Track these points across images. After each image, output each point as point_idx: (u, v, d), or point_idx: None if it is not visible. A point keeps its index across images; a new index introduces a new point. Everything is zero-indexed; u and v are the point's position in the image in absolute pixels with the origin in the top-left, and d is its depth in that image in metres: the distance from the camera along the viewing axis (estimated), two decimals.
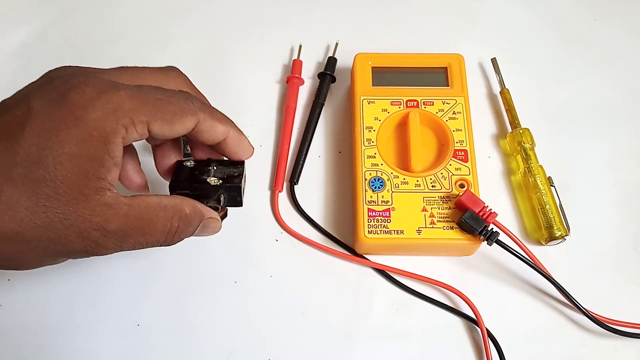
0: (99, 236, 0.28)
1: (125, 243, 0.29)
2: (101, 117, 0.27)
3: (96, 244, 0.28)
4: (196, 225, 0.32)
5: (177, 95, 0.30)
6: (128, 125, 0.28)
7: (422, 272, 0.40)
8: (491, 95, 0.49)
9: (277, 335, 0.39)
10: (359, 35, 0.51)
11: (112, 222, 0.28)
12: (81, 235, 0.27)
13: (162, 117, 0.29)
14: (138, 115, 0.28)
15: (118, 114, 0.28)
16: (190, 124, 0.30)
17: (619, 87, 0.49)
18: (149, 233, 0.29)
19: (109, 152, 0.28)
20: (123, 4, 0.54)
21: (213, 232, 0.34)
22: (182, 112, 0.30)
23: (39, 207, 0.26)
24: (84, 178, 0.27)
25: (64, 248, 0.28)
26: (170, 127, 0.30)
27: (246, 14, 0.53)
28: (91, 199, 0.27)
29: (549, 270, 0.39)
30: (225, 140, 0.33)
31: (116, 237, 0.28)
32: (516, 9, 0.53)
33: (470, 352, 0.39)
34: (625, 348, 0.39)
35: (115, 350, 0.38)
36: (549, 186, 0.42)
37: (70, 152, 0.27)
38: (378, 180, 0.41)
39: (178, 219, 0.30)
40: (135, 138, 0.29)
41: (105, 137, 0.27)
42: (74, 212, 0.27)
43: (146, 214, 0.29)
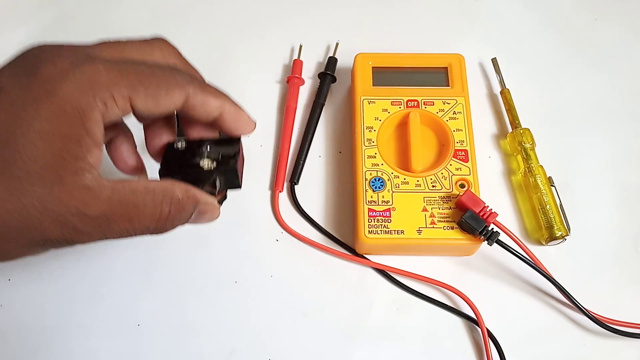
0: (77, 222, 0.25)
1: (109, 230, 0.26)
2: (75, 90, 0.25)
3: (75, 231, 0.25)
4: (190, 211, 0.29)
5: (161, 67, 0.28)
6: (107, 99, 0.26)
7: (422, 272, 0.40)
8: (491, 95, 0.49)
9: (277, 335, 0.39)
10: (359, 35, 0.51)
11: (93, 206, 0.25)
12: (58, 221, 0.25)
13: (146, 91, 0.27)
14: (118, 88, 0.26)
15: (95, 87, 0.25)
16: (178, 98, 0.28)
17: (619, 87, 0.49)
18: (136, 219, 0.27)
19: (87, 129, 0.25)
20: (123, 4, 0.54)
21: (211, 218, 0.31)
22: (167, 85, 0.27)
23: (9, 190, 0.24)
24: (58, 158, 0.24)
25: (40, 236, 0.25)
26: (155, 102, 0.27)
27: (246, 14, 0.53)
28: (68, 181, 0.25)
29: (550, 270, 0.39)
30: (222, 115, 0.30)
31: (98, 224, 0.26)
32: (516, 9, 0.53)
33: (470, 352, 0.39)
34: (626, 348, 0.39)
35: (115, 350, 0.38)
36: (550, 186, 0.42)
37: (41, 129, 0.24)
38: (378, 180, 0.41)
39: (169, 203, 0.28)
40: (116, 114, 0.27)
41: (81, 113, 0.25)
42: (49, 196, 0.24)
43: (132, 198, 0.26)
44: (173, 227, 0.29)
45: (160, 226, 0.28)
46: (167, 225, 0.28)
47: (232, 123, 0.31)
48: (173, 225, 0.29)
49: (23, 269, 0.41)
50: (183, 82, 0.28)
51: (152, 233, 0.28)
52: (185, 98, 0.28)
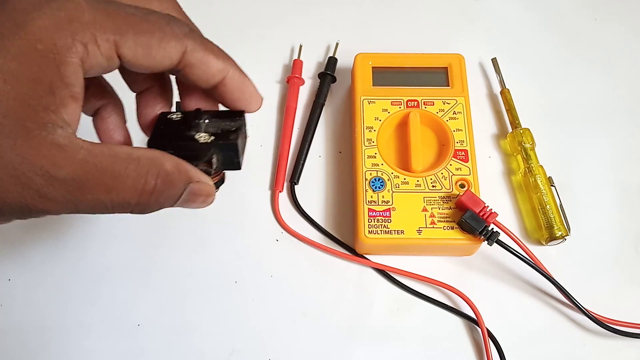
0: (43, 184, 0.21)
1: (80, 199, 0.22)
2: (50, 26, 0.21)
3: (39, 195, 0.21)
4: (181, 189, 0.25)
5: (157, 14, 0.24)
6: (88, 42, 0.22)
7: (422, 272, 0.40)
8: (491, 95, 0.49)
9: (278, 335, 0.39)
10: (359, 35, 0.51)
11: (63, 167, 0.21)
12: (19, 181, 0.21)
13: (135, 37, 0.23)
14: (102, 30, 0.22)
15: (74, 25, 0.21)
16: (174, 51, 0.24)
17: (620, 87, 0.49)
18: (115, 190, 0.22)
19: (62, 76, 0.21)
20: None
21: (205, 202, 0.26)
22: (162, 34, 0.24)
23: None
24: (25, 106, 0.21)
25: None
26: (146, 52, 0.23)
27: (246, 14, 0.53)
28: (35, 135, 0.21)
29: (550, 270, 0.39)
30: (224, 81, 0.26)
31: (68, 189, 0.22)
32: (516, 9, 0.53)
33: (470, 352, 0.39)
34: (626, 348, 0.39)
35: (115, 350, 0.38)
36: (550, 186, 0.42)
37: (6, 69, 0.21)
38: (378, 180, 0.41)
39: (155, 175, 0.23)
40: (99, 63, 0.23)
41: (55, 54, 0.21)
42: (10, 150, 0.20)
43: (112, 164, 0.22)
44: (159, 207, 0.25)
45: (142, 202, 0.24)
46: (152, 202, 0.24)
47: (236, 92, 0.27)
48: (159, 204, 0.24)
49: (23, 269, 0.41)
50: (181, 34, 0.24)
51: (133, 211, 0.24)
52: (182, 52, 0.25)
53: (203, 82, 0.26)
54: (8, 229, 0.42)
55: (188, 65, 0.25)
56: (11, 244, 0.41)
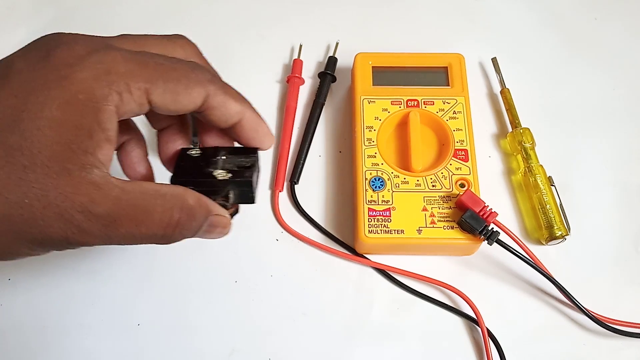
0: (82, 220, 0.23)
1: (114, 232, 0.24)
2: (90, 78, 0.23)
3: (79, 230, 0.23)
4: (201, 221, 0.27)
5: (182, 62, 0.27)
6: (123, 91, 0.24)
7: (422, 271, 0.40)
8: (491, 94, 0.49)
9: (278, 335, 0.39)
10: (359, 35, 0.51)
11: (100, 204, 0.23)
12: (62, 218, 0.23)
13: (164, 84, 0.25)
14: (135, 80, 0.24)
15: (111, 76, 0.24)
16: (198, 96, 0.27)
17: (620, 87, 0.49)
18: (144, 224, 0.25)
19: (99, 121, 0.24)
20: (123, 4, 0.54)
21: (222, 233, 0.29)
22: (188, 81, 0.26)
23: (12, 179, 0.22)
24: (67, 150, 0.23)
25: (40, 232, 0.23)
26: (173, 98, 0.26)
27: (246, 14, 0.53)
28: (75, 175, 0.23)
29: (550, 270, 0.39)
30: (241, 122, 0.29)
31: (104, 224, 0.24)
32: (516, 9, 0.53)
33: (470, 352, 0.39)
34: (626, 348, 0.39)
35: (115, 350, 0.38)
36: (550, 186, 0.42)
37: (51, 116, 0.23)
38: (378, 179, 0.41)
39: (179, 210, 0.26)
40: (132, 109, 0.25)
41: (94, 103, 0.23)
42: (54, 189, 0.23)
43: (142, 200, 0.25)
44: (182, 237, 0.27)
45: (168, 234, 0.26)
46: (176, 234, 0.26)
47: (251, 132, 0.30)
48: (182, 235, 0.27)
49: (23, 269, 0.41)
50: (204, 80, 0.27)
51: (159, 242, 0.26)
52: (205, 97, 0.27)
53: (222, 123, 0.29)
54: None
55: (209, 107, 0.28)
56: None
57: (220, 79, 0.29)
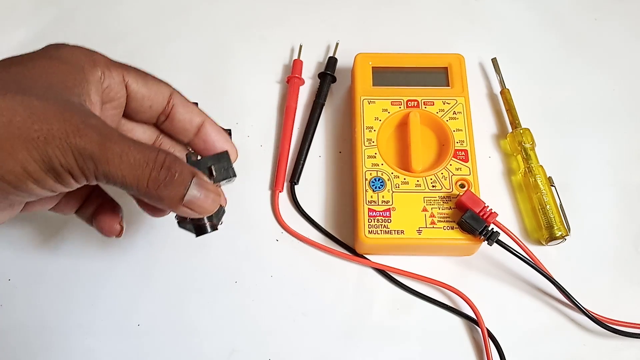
0: (80, 123, 0.25)
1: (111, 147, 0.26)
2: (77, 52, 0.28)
3: (78, 130, 0.25)
4: (187, 176, 0.28)
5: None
6: (104, 70, 0.29)
7: (422, 272, 0.40)
8: (491, 95, 0.49)
9: (278, 335, 0.39)
10: (359, 35, 0.51)
11: (96, 119, 0.26)
12: (62, 117, 0.25)
13: (136, 73, 0.30)
14: (114, 66, 0.29)
15: (94, 57, 0.29)
16: (165, 90, 0.31)
17: (619, 87, 0.49)
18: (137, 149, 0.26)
19: (88, 82, 0.28)
20: (123, 4, 0.54)
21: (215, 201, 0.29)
22: (154, 78, 0.31)
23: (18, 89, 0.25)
24: (63, 85, 0.27)
25: (41, 126, 0.25)
26: (145, 84, 0.30)
27: (246, 14, 0.53)
28: (72, 100, 0.26)
29: (550, 270, 0.39)
30: (204, 125, 0.33)
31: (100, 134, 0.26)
32: (516, 9, 0.53)
33: (470, 352, 0.39)
34: (626, 348, 0.39)
35: (115, 350, 0.38)
36: (550, 186, 0.42)
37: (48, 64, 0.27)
38: (378, 180, 0.41)
39: (165, 153, 0.27)
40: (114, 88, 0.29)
41: (82, 66, 0.28)
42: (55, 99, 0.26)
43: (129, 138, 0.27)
44: (171, 187, 0.27)
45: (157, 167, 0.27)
46: (162, 174, 0.27)
47: (214, 134, 0.33)
48: (171, 181, 0.27)
49: (23, 269, 0.41)
50: (167, 84, 0.32)
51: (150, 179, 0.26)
52: (170, 93, 0.32)
53: (187, 124, 0.32)
54: (8, 229, 0.42)
55: (175, 105, 0.32)
56: (11, 244, 0.41)
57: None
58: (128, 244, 0.42)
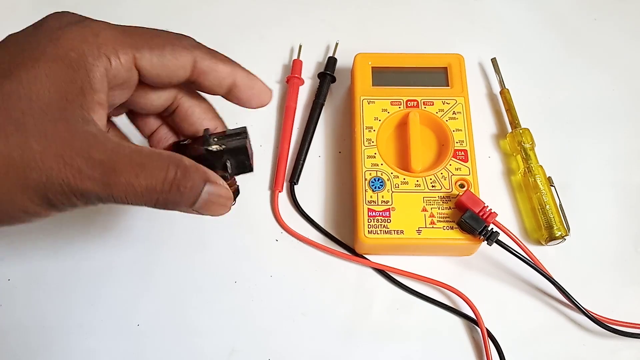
0: (82, 162, 0.23)
1: (114, 180, 0.24)
2: (80, 39, 0.25)
3: (79, 173, 0.23)
4: (198, 184, 0.26)
5: (166, 31, 0.28)
6: (111, 54, 0.25)
7: (422, 272, 0.40)
8: (491, 95, 0.49)
9: (277, 335, 0.39)
10: (359, 35, 0.51)
11: (99, 151, 0.24)
12: (61, 159, 0.23)
13: (150, 50, 0.26)
14: (122, 45, 0.26)
15: (99, 39, 0.25)
16: (185, 60, 0.27)
17: (619, 87, 0.49)
18: (143, 174, 0.25)
19: (90, 81, 0.25)
20: (123, 3, 0.54)
21: (224, 205, 0.28)
22: (172, 46, 0.27)
23: (11, 122, 0.23)
24: (63, 100, 0.24)
25: (40, 176, 0.23)
26: (161, 63, 0.27)
27: (246, 14, 0.53)
28: (72, 124, 0.24)
29: (549, 270, 0.39)
30: (235, 84, 0.29)
31: (104, 170, 0.24)
32: (516, 9, 0.53)
33: (470, 352, 0.39)
34: (625, 348, 0.39)
35: (115, 350, 0.38)
36: (549, 186, 0.42)
37: (46, 68, 0.24)
38: (378, 180, 0.41)
39: (176, 166, 0.25)
40: (121, 75, 0.26)
41: (85, 61, 0.25)
42: (53, 134, 0.23)
43: (138, 156, 0.25)
44: (181, 200, 0.26)
45: (165, 189, 0.25)
46: (173, 192, 0.26)
47: (248, 91, 0.30)
48: (180, 195, 0.26)
49: (23, 269, 0.41)
50: (189, 46, 0.28)
51: (157, 202, 0.26)
52: (193, 61, 0.28)
53: (216, 87, 0.29)
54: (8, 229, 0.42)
55: (200, 73, 0.28)
56: (11, 244, 0.41)
57: (206, 46, 0.29)
58: (128, 243, 0.42)
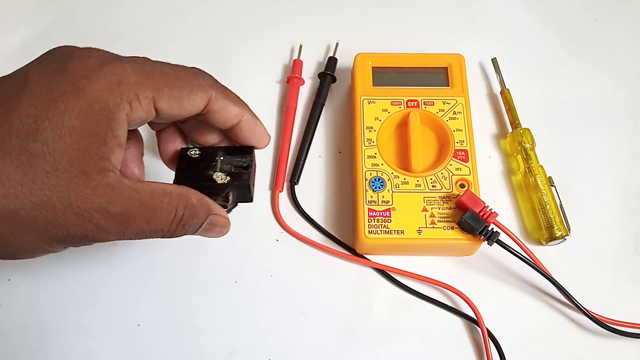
0: (100, 219, 0.26)
1: (127, 229, 0.27)
2: (104, 89, 0.26)
3: (97, 228, 0.26)
4: (202, 219, 0.29)
5: (185, 69, 0.29)
6: (132, 100, 0.26)
7: (422, 272, 0.40)
8: (491, 95, 0.49)
9: (278, 335, 0.39)
10: (359, 35, 0.51)
11: (115, 204, 0.26)
12: (81, 217, 0.25)
13: (170, 92, 0.27)
14: (143, 89, 0.27)
15: (122, 87, 0.26)
16: (201, 101, 0.29)
17: (620, 87, 0.49)
18: (153, 220, 0.27)
19: (112, 129, 0.26)
20: (123, 4, 0.54)
21: (220, 232, 0.31)
22: (191, 87, 0.28)
23: (36, 183, 0.24)
24: (85, 155, 0.25)
25: (62, 231, 0.25)
26: (178, 104, 0.28)
27: (246, 14, 0.53)
28: (93, 178, 0.25)
29: (549, 270, 0.39)
30: (239, 124, 0.31)
31: (118, 222, 0.26)
32: (516, 9, 0.53)
33: (470, 352, 0.39)
34: (625, 348, 0.39)
35: (115, 350, 0.38)
36: (550, 186, 0.42)
37: (70, 125, 0.25)
38: (378, 180, 0.41)
39: (184, 207, 0.28)
40: (140, 117, 0.27)
41: (108, 112, 0.26)
42: (74, 192, 0.25)
43: (150, 199, 0.27)
44: (183, 233, 0.29)
45: (172, 229, 0.28)
46: (179, 230, 0.29)
47: (249, 133, 0.32)
48: (184, 231, 0.29)
49: (23, 269, 0.41)
50: (206, 85, 0.29)
51: (163, 236, 0.29)
52: (207, 101, 0.29)
53: (221, 124, 0.31)
54: None
55: (211, 111, 0.30)
56: None
57: (221, 84, 0.31)
58: (128, 243, 0.42)
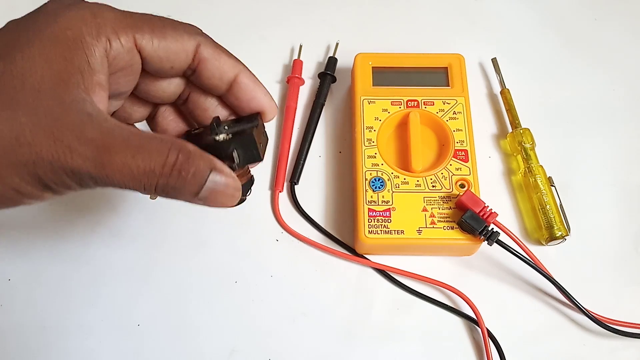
0: (74, 140, 0.22)
1: (108, 159, 0.23)
2: (78, 18, 0.24)
3: (70, 150, 0.22)
4: (203, 172, 0.24)
5: (168, 18, 0.27)
6: (110, 35, 0.24)
7: (422, 272, 0.40)
8: (491, 95, 0.49)
9: (278, 335, 0.39)
10: (359, 35, 0.51)
11: (93, 129, 0.23)
12: (51, 136, 0.22)
13: (151, 29, 0.25)
14: (122, 26, 0.25)
15: (98, 20, 0.24)
16: (188, 44, 0.26)
17: (619, 87, 0.49)
18: (141, 155, 0.23)
19: (89, 61, 0.24)
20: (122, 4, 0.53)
21: (231, 198, 0.26)
22: (175, 29, 0.26)
23: (2, 98, 0.22)
24: (58, 79, 0.23)
25: (29, 151, 0.22)
26: (163, 44, 0.26)
27: (246, 14, 0.53)
28: (68, 104, 0.23)
29: (549, 270, 0.39)
30: (237, 79, 0.28)
31: (96, 147, 0.23)
32: (516, 9, 0.53)
33: (470, 352, 0.39)
34: (626, 348, 0.39)
35: (116, 350, 0.38)
36: (550, 186, 0.42)
37: (41, 47, 0.23)
38: (378, 180, 0.41)
39: (177, 150, 0.24)
40: (121, 55, 0.25)
41: (83, 41, 0.24)
42: (45, 109, 0.22)
43: (136, 139, 0.23)
44: (183, 187, 0.24)
45: (166, 172, 0.24)
46: (174, 176, 0.24)
47: (251, 92, 0.29)
48: (182, 181, 0.24)
49: (23, 269, 0.41)
50: (193, 32, 0.27)
51: (159, 185, 0.24)
52: (196, 46, 0.27)
53: (217, 80, 0.28)
54: (8, 229, 0.42)
55: (202, 60, 0.27)
56: (11, 244, 0.41)
57: (211, 38, 0.28)
58: (128, 243, 0.42)
